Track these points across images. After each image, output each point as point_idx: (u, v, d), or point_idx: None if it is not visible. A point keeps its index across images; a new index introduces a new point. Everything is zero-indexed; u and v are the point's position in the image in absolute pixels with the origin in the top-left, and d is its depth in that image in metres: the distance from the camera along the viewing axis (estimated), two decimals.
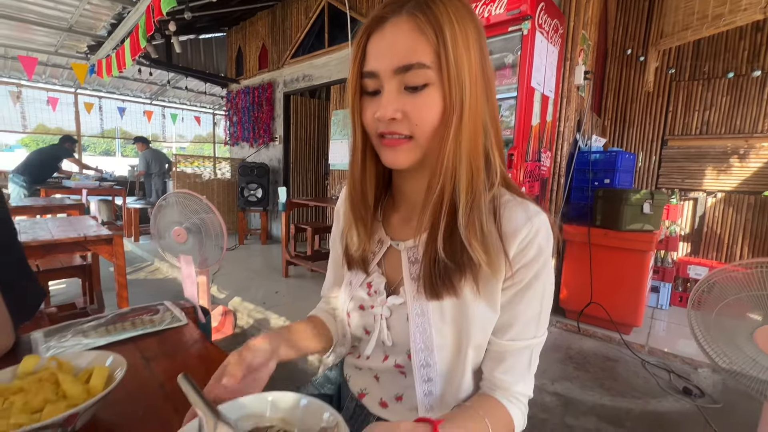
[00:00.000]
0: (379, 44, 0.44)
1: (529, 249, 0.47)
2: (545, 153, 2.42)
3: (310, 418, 0.40)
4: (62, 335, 0.67)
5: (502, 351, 0.50)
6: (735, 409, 1.73)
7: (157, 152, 5.91)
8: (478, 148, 0.46)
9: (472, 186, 0.46)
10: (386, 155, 0.48)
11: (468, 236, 0.45)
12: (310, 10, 4.26)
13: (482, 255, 0.45)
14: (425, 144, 0.46)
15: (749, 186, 3.04)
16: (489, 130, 0.48)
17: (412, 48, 0.42)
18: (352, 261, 0.58)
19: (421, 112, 0.44)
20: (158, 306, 0.81)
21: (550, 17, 2.14)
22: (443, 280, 0.47)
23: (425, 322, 0.50)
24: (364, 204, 0.55)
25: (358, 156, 0.52)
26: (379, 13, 0.45)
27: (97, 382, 0.45)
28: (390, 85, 0.44)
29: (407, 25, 0.43)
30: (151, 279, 3.53)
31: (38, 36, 4.49)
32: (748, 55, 2.99)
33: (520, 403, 0.51)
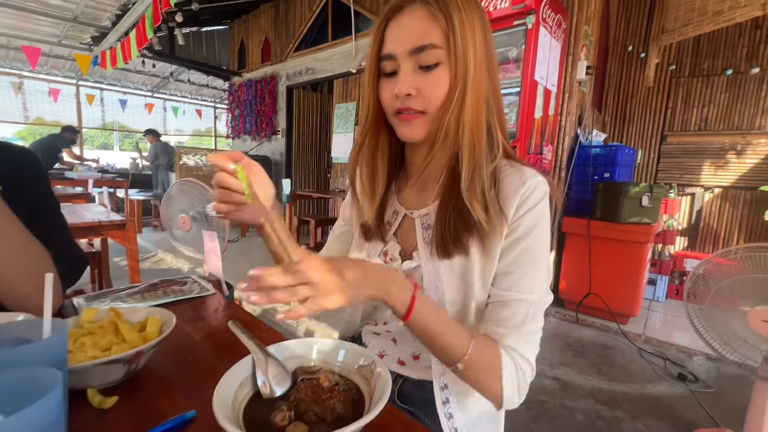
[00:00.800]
0: (398, 30, 0.50)
1: (524, 205, 0.52)
2: (547, 146, 2.47)
3: (349, 359, 0.45)
4: (101, 300, 0.71)
5: (500, 301, 0.52)
6: (727, 394, 1.80)
7: (167, 145, 5.94)
8: (480, 121, 0.52)
9: (474, 155, 0.52)
10: (403, 129, 0.54)
11: (470, 198, 0.51)
12: (314, 4, 4.28)
13: (482, 214, 0.51)
14: (437, 118, 0.52)
15: (746, 182, 3.10)
16: (491, 106, 0.54)
17: (425, 31, 0.48)
18: (369, 232, 0.63)
19: (433, 88, 0.50)
20: (185, 279, 0.86)
21: (553, 12, 2.18)
22: (453, 240, 0.53)
23: (438, 279, 0.56)
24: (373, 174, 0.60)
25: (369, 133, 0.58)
26: (396, 2, 0.51)
27: (152, 330, 0.49)
28: (406, 66, 0.50)
29: (421, 12, 0.49)
30: (155, 269, 3.57)
31: (42, 26, 4.50)
32: (746, 53, 3.03)
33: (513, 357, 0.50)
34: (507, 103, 2.25)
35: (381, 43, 0.52)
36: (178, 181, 1.29)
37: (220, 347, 0.57)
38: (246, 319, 0.67)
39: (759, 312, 1.17)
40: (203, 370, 0.50)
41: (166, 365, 0.51)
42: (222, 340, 0.59)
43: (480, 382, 0.49)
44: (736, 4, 2.16)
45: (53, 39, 4.91)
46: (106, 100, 7.36)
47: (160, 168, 5.69)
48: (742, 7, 2.14)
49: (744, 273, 1.22)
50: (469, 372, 0.48)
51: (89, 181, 2.89)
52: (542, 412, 1.62)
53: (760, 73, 2.98)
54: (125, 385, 0.46)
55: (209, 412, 0.42)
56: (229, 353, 0.55)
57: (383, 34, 0.52)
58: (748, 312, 1.20)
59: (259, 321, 0.67)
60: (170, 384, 0.47)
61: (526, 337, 0.51)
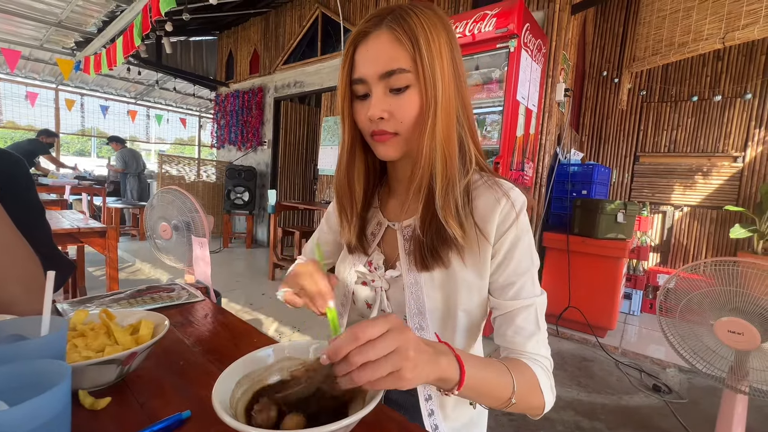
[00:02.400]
0: (366, 54, 0.51)
1: (504, 222, 0.54)
2: (528, 163, 2.57)
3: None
4: (87, 306, 0.70)
5: (509, 312, 0.54)
6: (699, 404, 1.87)
7: (134, 151, 5.80)
8: (452, 138, 0.53)
9: (447, 171, 0.53)
10: (379, 149, 0.56)
11: (444, 215, 0.52)
12: (304, 19, 4.36)
13: (458, 230, 0.52)
14: (409, 137, 0.54)
15: (712, 201, 3.28)
16: (462, 121, 0.55)
17: (393, 56, 0.49)
18: (351, 247, 0.65)
19: (404, 110, 0.51)
20: (172, 285, 0.85)
21: (534, 37, 2.30)
22: (431, 253, 0.54)
23: (418, 290, 0.58)
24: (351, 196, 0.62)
25: (346, 154, 0.59)
26: (362, 28, 0.52)
27: (145, 332, 0.49)
28: (377, 89, 0.51)
29: (387, 37, 0.50)
30: (132, 279, 3.46)
31: (23, 29, 4.40)
32: (710, 81, 3.26)
33: (539, 363, 0.52)
34: (490, 121, 2.34)
35: (351, 67, 0.53)
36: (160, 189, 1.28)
37: (212, 351, 0.57)
38: (237, 325, 0.67)
39: (724, 323, 1.24)
40: (196, 373, 0.50)
41: (157, 369, 0.51)
42: (214, 344, 0.59)
43: (530, 405, 0.50)
44: (699, 36, 2.35)
45: (35, 42, 4.80)
46: (87, 106, 7.19)
47: (128, 175, 5.54)
48: (704, 40, 2.32)
49: (710, 286, 1.30)
50: (521, 403, 0.48)
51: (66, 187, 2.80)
52: (524, 424, 1.64)
53: (722, 100, 3.20)
54: (116, 387, 0.46)
55: (205, 412, 0.43)
56: (222, 357, 0.55)
57: (353, 58, 0.53)
58: (715, 323, 1.26)
59: (250, 326, 0.67)
60: (163, 386, 0.47)
61: (542, 337, 0.54)
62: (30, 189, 0.72)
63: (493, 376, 0.46)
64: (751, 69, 3.11)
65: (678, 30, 2.47)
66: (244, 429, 0.32)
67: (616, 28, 3.60)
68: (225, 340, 0.61)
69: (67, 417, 0.28)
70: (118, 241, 1.71)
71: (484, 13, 2.21)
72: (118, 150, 5.58)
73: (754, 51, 3.09)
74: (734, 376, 1.24)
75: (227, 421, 0.32)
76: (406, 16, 0.50)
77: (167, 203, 1.29)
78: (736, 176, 3.18)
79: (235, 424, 0.32)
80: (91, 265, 3.59)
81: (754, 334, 1.17)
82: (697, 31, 2.36)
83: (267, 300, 2.96)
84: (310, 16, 4.28)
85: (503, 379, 0.47)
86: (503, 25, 2.14)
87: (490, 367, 0.46)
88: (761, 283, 1.20)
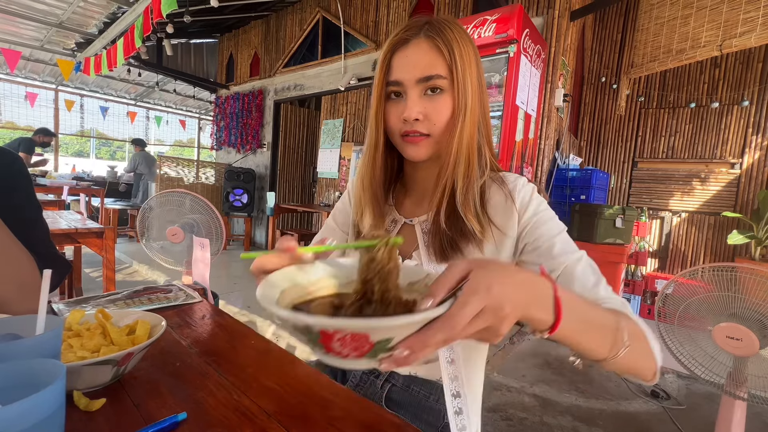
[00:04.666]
0: (405, 60, 0.55)
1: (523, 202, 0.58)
2: (527, 168, 2.57)
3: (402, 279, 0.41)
4: (83, 306, 0.70)
5: (565, 268, 0.52)
6: (697, 411, 1.86)
7: (149, 155, 5.82)
8: (473, 143, 0.58)
9: (468, 173, 0.58)
10: (409, 150, 0.59)
11: (464, 211, 0.56)
12: (305, 23, 4.38)
13: (476, 225, 0.56)
14: (439, 139, 0.58)
15: (709, 207, 3.29)
16: (482, 129, 0.60)
17: (431, 63, 0.54)
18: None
19: (438, 113, 0.56)
20: (170, 286, 0.85)
21: (533, 43, 2.32)
22: (450, 245, 0.57)
23: None
24: (381, 190, 0.64)
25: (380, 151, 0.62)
26: (401, 36, 0.56)
27: (141, 333, 0.49)
28: (413, 93, 0.56)
29: (426, 45, 0.55)
30: (129, 281, 3.44)
31: (24, 30, 4.41)
32: (707, 88, 3.29)
33: (627, 309, 0.48)
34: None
35: (387, 70, 0.57)
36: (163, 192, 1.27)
37: (209, 353, 0.56)
38: (234, 327, 0.67)
39: (723, 329, 1.24)
40: (192, 375, 0.50)
41: (153, 370, 0.51)
42: (211, 346, 0.59)
43: (641, 354, 0.44)
44: (696, 44, 2.36)
45: (35, 43, 4.81)
46: (87, 107, 7.19)
47: (142, 177, 5.55)
48: (701, 47, 2.34)
49: (708, 292, 1.30)
50: (633, 352, 0.41)
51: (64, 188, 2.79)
52: (522, 429, 1.63)
53: (720, 107, 3.22)
54: (111, 389, 0.46)
55: (200, 415, 0.42)
56: (219, 359, 0.55)
57: (390, 62, 0.57)
58: (713, 329, 1.26)
59: (247, 328, 0.67)
60: (158, 387, 0.47)
61: (605, 285, 0.52)
62: (27, 188, 0.71)
63: (596, 315, 0.40)
64: (748, 76, 3.13)
65: (676, 37, 2.49)
66: (303, 318, 0.26)
67: (614, 34, 3.62)
68: (222, 341, 0.61)
69: (61, 417, 0.28)
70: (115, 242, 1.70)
71: (484, 19, 2.22)
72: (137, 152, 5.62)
73: (751, 59, 3.12)
74: (733, 382, 1.24)
75: (282, 314, 0.28)
76: (443, 28, 0.55)
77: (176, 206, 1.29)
78: (733, 182, 3.20)
79: (289, 314, 0.27)
80: (87, 267, 3.57)
81: (752, 339, 1.17)
82: (694, 39, 2.38)
83: None
84: (311, 20, 4.30)
85: (608, 320, 0.41)
86: (503, 30, 2.15)
87: (594, 307, 0.41)
88: (759, 288, 1.20)
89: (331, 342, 0.28)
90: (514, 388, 1.94)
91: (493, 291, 0.29)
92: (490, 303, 0.29)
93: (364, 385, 0.67)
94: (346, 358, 0.29)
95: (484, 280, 0.30)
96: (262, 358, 0.56)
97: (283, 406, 0.45)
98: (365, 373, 0.68)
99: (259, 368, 0.53)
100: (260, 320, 2.59)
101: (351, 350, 0.28)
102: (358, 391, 0.67)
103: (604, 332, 0.40)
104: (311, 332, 0.28)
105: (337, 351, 0.28)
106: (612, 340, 0.40)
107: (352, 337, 0.27)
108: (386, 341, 0.28)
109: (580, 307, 0.38)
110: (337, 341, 0.28)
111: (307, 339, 0.29)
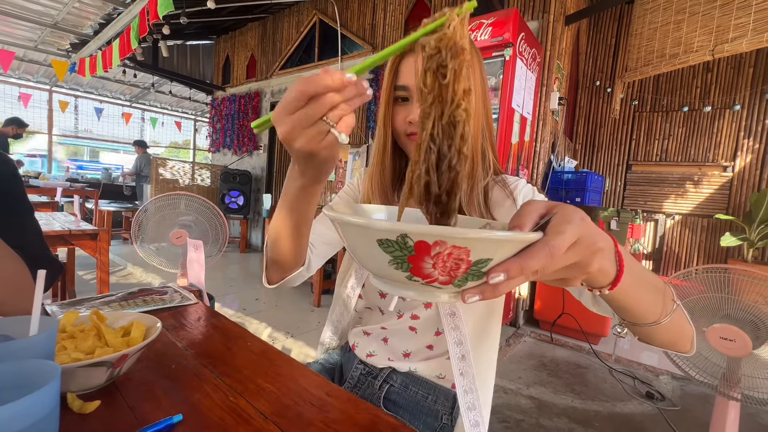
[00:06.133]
0: (412, 65, 0.58)
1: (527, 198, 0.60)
2: (523, 170, 2.59)
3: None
4: (77, 308, 0.69)
5: None
6: (691, 412, 1.87)
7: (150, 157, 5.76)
8: (478, 147, 0.60)
9: (473, 174, 0.59)
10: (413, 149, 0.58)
11: (469, 211, 0.58)
12: (302, 25, 4.39)
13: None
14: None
15: (702, 210, 3.33)
16: (485, 133, 0.62)
17: None
18: None
19: None
20: (165, 288, 0.84)
21: (529, 46, 2.34)
22: None
23: None
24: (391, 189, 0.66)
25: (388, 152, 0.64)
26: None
27: (136, 334, 0.49)
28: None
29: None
30: (123, 283, 3.41)
31: (18, 30, 4.37)
32: (700, 92, 3.33)
33: None
34: None
35: (395, 75, 0.59)
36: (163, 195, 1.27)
37: (205, 355, 0.56)
38: (230, 329, 0.66)
39: (716, 330, 1.25)
40: (188, 377, 0.50)
41: (148, 372, 0.50)
42: (206, 347, 0.59)
43: (685, 322, 0.44)
44: (689, 48, 2.40)
45: (29, 43, 4.77)
46: (81, 108, 7.13)
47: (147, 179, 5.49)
48: (694, 52, 2.37)
49: (702, 293, 1.31)
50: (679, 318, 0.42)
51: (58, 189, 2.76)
52: (519, 431, 1.63)
53: (712, 111, 3.27)
54: (106, 391, 0.45)
55: (196, 417, 0.42)
56: (215, 361, 0.54)
57: (398, 67, 0.59)
58: (707, 330, 1.27)
59: (243, 330, 0.66)
60: (154, 390, 0.46)
61: None
62: (17, 189, 0.71)
63: (648, 275, 0.40)
64: (739, 81, 3.18)
65: (669, 42, 2.52)
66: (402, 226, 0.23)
67: (608, 39, 3.66)
68: (218, 343, 0.61)
69: (56, 419, 0.28)
70: (109, 244, 1.69)
71: (480, 22, 2.24)
72: (139, 154, 5.56)
73: (742, 63, 3.16)
74: (726, 383, 1.25)
75: (377, 224, 0.25)
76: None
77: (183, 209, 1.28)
78: (726, 185, 3.23)
79: (386, 222, 0.25)
80: (81, 269, 3.53)
81: (745, 340, 1.18)
82: (687, 44, 2.41)
83: (260, 305, 2.93)
84: (308, 23, 4.31)
85: (658, 281, 0.41)
86: (499, 34, 2.17)
87: (645, 269, 0.41)
88: (751, 290, 1.22)
89: (425, 259, 0.25)
90: (511, 390, 1.95)
91: (586, 222, 0.29)
92: (584, 234, 0.28)
93: (362, 386, 0.67)
94: (433, 282, 0.26)
95: (575, 213, 0.29)
96: (258, 359, 0.56)
97: (280, 407, 0.45)
98: (363, 374, 0.67)
99: (255, 370, 0.53)
100: (257, 322, 2.57)
101: (443, 271, 0.25)
102: (356, 392, 0.67)
103: (656, 293, 0.40)
104: (405, 246, 0.24)
105: (427, 273, 0.26)
106: (662, 301, 0.40)
107: (450, 253, 0.24)
108: (484, 262, 0.25)
109: (636, 264, 0.38)
110: (433, 258, 0.25)
111: (392, 260, 0.26)
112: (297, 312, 2.82)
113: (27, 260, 0.62)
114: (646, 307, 0.39)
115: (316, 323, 2.61)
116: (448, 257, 0.24)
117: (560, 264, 0.28)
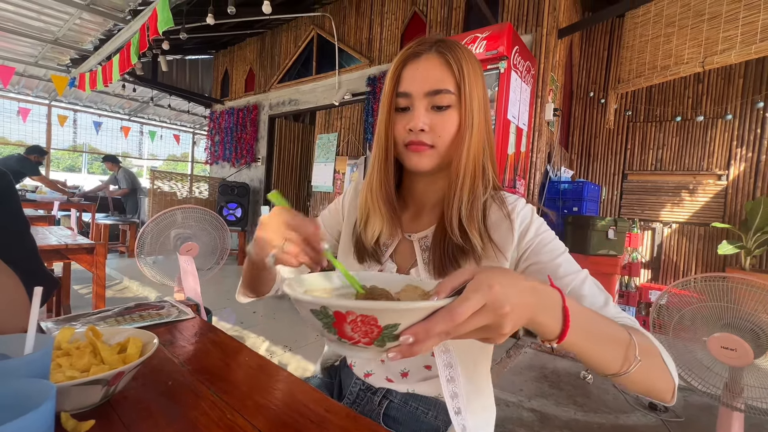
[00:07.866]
0: (415, 72, 0.57)
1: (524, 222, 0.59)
2: (520, 181, 2.60)
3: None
4: (72, 324, 0.68)
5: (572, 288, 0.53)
6: (695, 423, 1.85)
7: (130, 171, 5.72)
8: (479, 162, 0.59)
9: (473, 189, 0.59)
10: (411, 159, 0.59)
11: (469, 226, 0.57)
12: (300, 39, 4.46)
13: (479, 241, 0.56)
14: (443, 153, 0.58)
15: (699, 218, 3.35)
16: (486, 148, 0.61)
17: (441, 78, 0.56)
18: (365, 253, 0.64)
19: (444, 127, 0.57)
20: (162, 303, 0.83)
21: (523, 59, 2.38)
22: (451, 261, 0.57)
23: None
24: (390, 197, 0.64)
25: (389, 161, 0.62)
26: (414, 50, 0.58)
27: (132, 351, 0.48)
28: (420, 104, 0.57)
29: (437, 60, 0.56)
30: (119, 297, 3.37)
31: (19, 46, 4.42)
32: (692, 103, 3.38)
33: (637, 327, 0.48)
34: None
35: (397, 82, 0.58)
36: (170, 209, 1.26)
37: (202, 371, 0.55)
38: (227, 344, 0.66)
39: (717, 339, 1.24)
40: (185, 394, 0.49)
41: (144, 389, 0.49)
42: (204, 363, 0.58)
43: (655, 372, 0.44)
44: (680, 60, 2.45)
45: (29, 59, 4.82)
46: (80, 122, 7.17)
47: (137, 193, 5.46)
48: (684, 64, 2.42)
49: (702, 302, 1.31)
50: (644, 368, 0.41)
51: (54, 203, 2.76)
52: None
53: (705, 120, 3.31)
54: (100, 410, 0.44)
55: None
56: (212, 377, 0.54)
57: (400, 74, 0.58)
58: (708, 340, 1.27)
59: (241, 344, 0.66)
60: (150, 408, 0.45)
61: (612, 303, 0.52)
62: (13, 203, 0.70)
63: (606, 328, 0.40)
64: (730, 91, 3.23)
65: (660, 54, 2.57)
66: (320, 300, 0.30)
67: (600, 51, 3.74)
68: (215, 359, 0.60)
69: None
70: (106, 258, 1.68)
71: (475, 36, 2.28)
72: (115, 170, 5.34)
73: (732, 74, 3.23)
74: (729, 393, 1.24)
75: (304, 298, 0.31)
76: (455, 47, 0.57)
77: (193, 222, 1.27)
78: (721, 193, 3.26)
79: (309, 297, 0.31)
80: (76, 283, 3.50)
81: (746, 349, 1.18)
82: (677, 55, 2.46)
83: (258, 318, 2.90)
84: (306, 37, 4.38)
85: (619, 334, 0.41)
86: (493, 47, 2.21)
87: (603, 320, 0.41)
88: (750, 298, 1.22)
89: (344, 324, 0.30)
90: (512, 403, 1.92)
91: (494, 289, 0.31)
92: (490, 300, 0.31)
93: (361, 402, 0.66)
94: (357, 344, 0.32)
95: (486, 279, 0.32)
96: (256, 375, 0.55)
97: (278, 424, 0.44)
98: (362, 389, 0.66)
99: (253, 386, 0.52)
100: (254, 336, 2.54)
101: (361, 335, 0.31)
102: (355, 408, 0.66)
103: (615, 345, 0.41)
104: (327, 315, 0.30)
105: (349, 335, 0.31)
106: (623, 354, 0.40)
107: (362, 320, 0.30)
108: (393, 327, 0.30)
109: (590, 318, 0.39)
110: (349, 324, 0.30)
111: (322, 325, 0.32)
112: (295, 325, 2.79)
113: (21, 275, 0.62)
114: (602, 359, 0.40)
115: (314, 337, 2.58)
116: (362, 323, 0.30)
117: (470, 327, 0.31)
